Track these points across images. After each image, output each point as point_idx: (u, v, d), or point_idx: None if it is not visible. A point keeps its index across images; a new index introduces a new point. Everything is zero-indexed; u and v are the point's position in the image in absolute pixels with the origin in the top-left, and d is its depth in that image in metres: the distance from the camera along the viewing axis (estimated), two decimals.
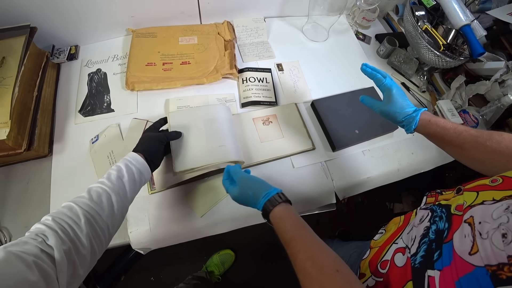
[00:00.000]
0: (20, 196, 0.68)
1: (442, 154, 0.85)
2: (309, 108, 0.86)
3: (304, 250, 0.44)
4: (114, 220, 0.47)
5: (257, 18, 1.00)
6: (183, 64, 0.85)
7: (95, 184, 0.47)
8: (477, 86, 0.84)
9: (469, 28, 0.80)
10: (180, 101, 0.80)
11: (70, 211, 0.41)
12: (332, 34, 1.04)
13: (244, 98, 0.84)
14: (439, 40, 0.79)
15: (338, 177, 0.76)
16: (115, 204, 0.46)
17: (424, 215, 0.44)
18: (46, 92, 0.77)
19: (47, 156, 0.72)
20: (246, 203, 0.55)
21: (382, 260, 0.50)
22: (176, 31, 0.90)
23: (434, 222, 0.40)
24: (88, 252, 0.40)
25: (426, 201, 0.50)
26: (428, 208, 0.45)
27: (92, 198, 0.44)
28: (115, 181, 0.49)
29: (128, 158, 0.53)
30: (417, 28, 0.82)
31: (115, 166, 0.51)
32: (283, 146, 0.77)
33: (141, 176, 0.53)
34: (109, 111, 0.78)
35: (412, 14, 0.85)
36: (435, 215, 0.42)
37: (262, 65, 0.92)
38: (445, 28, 0.84)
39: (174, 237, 0.68)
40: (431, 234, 0.39)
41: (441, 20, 0.87)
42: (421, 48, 0.84)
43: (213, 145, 0.66)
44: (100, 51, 0.88)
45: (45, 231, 0.37)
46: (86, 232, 0.40)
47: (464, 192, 0.42)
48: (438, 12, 0.87)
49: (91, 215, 0.42)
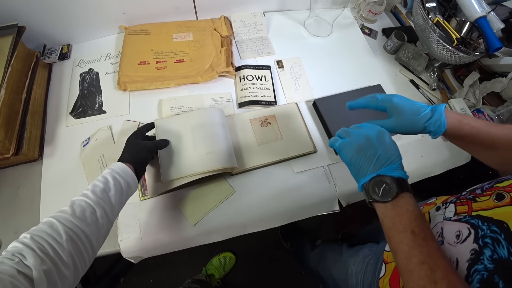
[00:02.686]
0: (10, 201, 0.66)
1: (453, 157, 0.79)
2: (311, 108, 0.82)
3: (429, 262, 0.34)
4: (99, 236, 0.44)
5: (256, 12, 0.95)
6: (178, 62, 0.81)
7: (79, 197, 0.45)
8: (493, 84, 0.78)
9: (485, 21, 0.73)
10: (174, 102, 0.76)
11: (51, 228, 0.39)
12: (336, 28, 0.99)
13: (241, 97, 0.80)
14: (452, 34, 0.73)
15: (341, 182, 0.72)
16: (99, 219, 0.44)
17: (462, 232, 0.37)
18: (37, 93, 0.74)
19: (38, 160, 0.70)
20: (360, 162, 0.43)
21: None
22: (170, 28, 0.86)
23: (486, 245, 0.33)
24: (71, 271, 0.38)
25: (457, 210, 0.42)
26: (464, 221, 0.38)
27: (75, 213, 0.42)
28: (100, 194, 0.46)
29: (116, 169, 0.50)
30: (428, 21, 0.76)
31: (101, 177, 0.48)
32: (282, 149, 0.73)
33: (128, 188, 0.51)
34: (100, 113, 0.75)
35: (422, 6, 0.78)
36: (482, 234, 0.34)
37: (261, 62, 0.88)
38: (458, 20, 0.78)
39: (167, 246, 0.65)
40: (487, 262, 0.31)
41: (454, 12, 0.80)
42: (431, 42, 0.78)
43: (200, 152, 0.63)
44: (92, 50, 0.85)
45: (22, 250, 0.35)
46: (68, 250, 0.38)
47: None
48: (450, 4, 0.80)
49: (73, 232, 0.40)
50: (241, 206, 0.67)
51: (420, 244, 0.34)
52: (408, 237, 0.35)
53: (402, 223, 0.37)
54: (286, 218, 0.70)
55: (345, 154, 0.45)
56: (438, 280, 0.31)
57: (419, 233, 0.35)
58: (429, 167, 0.77)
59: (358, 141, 0.44)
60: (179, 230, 0.64)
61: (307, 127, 0.77)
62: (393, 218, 0.38)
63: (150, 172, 0.66)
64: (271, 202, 0.68)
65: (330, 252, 0.86)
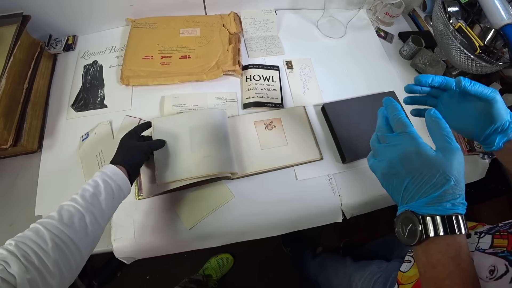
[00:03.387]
0: (7, 192, 0.66)
1: (468, 173, 0.75)
2: (319, 113, 0.78)
3: None
4: (88, 243, 0.42)
5: (267, 9, 0.92)
6: (183, 58, 0.79)
7: (68, 202, 0.43)
8: None
9: (511, 28, 0.68)
10: (176, 99, 0.74)
11: (36, 235, 0.37)
12: (350, 30, 0.95)
13: (246, 98, 0.77)
14: (475, 41, 0.68)
15: (346, 193, 0.69)
16: (89, 226, 0.42)
17: (498, 267, 0.33)
18: (40, 84, 0.73)
19: (37, 152, 0.69)
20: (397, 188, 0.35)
21: None
22: (177, 22, 0.84)
23: None
24: (56, 280, 0.36)
25: (494, 242, 0.38)
26: (502, 256, 0.34)
27: (63, 220, 0.40)
28: (89, 199, 0.44)
29: (108, 172, 0.48)
30: (449, 26, 0.71)
31: (91, 181, 0.47)
32: (286, 154, 0.70)
33: (120, 192, 0.49)
34: (102, 107, 0.74)
35: (444, 10, 0.74)
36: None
37: (270, 62, 0.84)
38: (482, 27, 0.72)
39: (160, 249, 0.63)
40: None
41: (478, 17, 0.75)
42: (451, 49, 0.73)
43: (198, 155, 0.61)
44: (98, 42, 0.83)
45: (6, 257, 0.34)
46: (54, 258, 0.37)
47: None
48: (474, 9, 0.75)
49: (60, 239, 0.38)
50: (239, 213, 0.65)
51: None
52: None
53: (433, 276, 0.30)
54: (286, 227, 0.68)
55: (378, 178, 0.37)
56: None
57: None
58: None
59: (382, 167, 0.35)
60: (174, 234, 0.62)
61: (314, 132, 0.74)
62: (424, 267, 0.31)
63: (145, 172, 0.64)
64: (271, 210, 0.66)
65: (332, 263, 0.83)
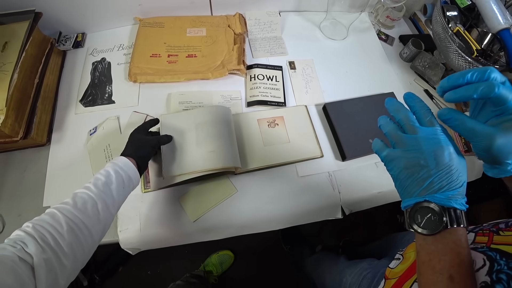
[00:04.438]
0: (16, 184, 0.68)
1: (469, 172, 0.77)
2: (321, 112, 0.80)
3: None
4: (99, 228, 0.45)
5: (271, 11, 0.94)
6: (189, 57, 0.81)
7: (81, 190, 0.45)
8: None
9: (508, 33, 0.70)
10: (183, 96, 0.76)
11: (52, 218, 0.40)
12: (352, 32, 0.97)
13: (250, 96, 0.79)
14: (472, 45, 0.71)
15: (346, 190, 0.71)
16: (100, 212, 0.44)
17: (477, 262, 0.34)
18: (49, 79, 0.75)
19: (45, 145, 0.71)
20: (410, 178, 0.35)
21: None
22: (184, 22, 0.86)
23: (500, 281, 0.30)
24: (70, 261, 0.38)
25: (475, 239, 0.40)
26: (481, 251, 0.35)
27: (77, 205, 0.42)
28: (102, 187, 0.46)
29: (119, 163, 0.51)
30: (448, 30, 0.74)
31: (103, 171, 0.49)
32: (288, 151, 0.72)
33: (130, 182, 0.51)
34: (109, 103, 0.76)
35: (443, 14, 0.76)
36: (497, 268, 0.32)
37: (273, 62, 0.87)
38: (480, 31, 0.75)
39: (165, 240, 0.65)
40: None
41: (476, 22, 0.78)
42: (450, 52, 0.76)
43: (203, 150, 0.63)
44: (106, 39, 0.85)
45: (24, 238, 0.36)
46: (68, 241, 0.39)
47: None
48: (473, 13, 0.78)
49: (74, 223, 0.40)
50: (242, 207, 0.67)
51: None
52: (444, 281, 0.30)
53: (441, 263, 0.31)
54: (287, 222, 0.69)
55: (392, 167, 0.36)
56: None
57: (459, 281, 0.30)
58: None
59: (411, 158, 0.34)
60: (178, 226, 0.64)
61: (315, 131, 0.76)
62: (431, 254, 0.32)
63: (153, 166, 0.66)
64: (273, 205, 0.68)
65: (327, 260, 0.85)
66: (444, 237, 0.32)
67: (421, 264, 0.33)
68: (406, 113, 0.36)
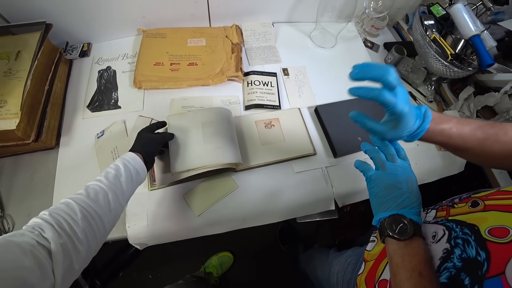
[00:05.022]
0: (25, 185, 0.70)
1: (447, 166, 0.83)
2: (313, 114, 0.86)
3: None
4: (110, 218, 0.47)
5: (265, 22, 1.01)
6: (190, 65, 0.86)
7: (93, 182, 0.48)
8: (486, 98, 0.82)
9: (478, 39, 0.78)
10: (185, 101, 0.81)
11: (68, 207, 0.42)
12: (340, 41, 1.04)
13: (248, 100, 0.85)
14: (447, 50, 0.78)
15: (338, 184, 0.76)
16: (111, 202, 0.47)
17: (438, 232, 0.40)
18: (57, 86, 0.79)
19: (54, 148, 0.75)
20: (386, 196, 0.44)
21: (380, 279, 0.47)
22: (185, 33, 0.92)
23: (457, 246, 0.36)
24: (84, 247, 0.41)
25: (436, 215, 0.46)
26: (441, 223, 0.41)
27: (89, 196, 0.45)
28: (112, 180, 0.49)
29: (127, 157, 0.54)
30: (426, 37, 0.81)
31: (113, 165, 0.52)
32: (284, 150, 0.77)
33: (137, 176, 0.54)
34: (116, 108, 0.80)
35: (421, 23, 0.84)
36: (454, 235, 0.37)
37: (268, 69, 0.93)
38: (454, 38, 0.83)
39: (171, 235, 0.68)
40: (456, 261, 0.35)
41: (451, 30, 0.86)
42: (429, 57, 0.83)
43: (210, 147, 0.67)
44: (111, 49, 0.90)
45: (41, 224, 0.38)
46: (82, 227, 0.41)
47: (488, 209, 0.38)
48: (447, 22, 0.86)
49: (87, 212, 0.43)
50: (243, 201, 0.71)
51: (425, 286, 0.35)
52: (415, 277, 0.36)
53: (412, 263, 0.37)
54: (285, 214, 0.74)
55: (373, 186, 0.45)
56: None
57: (426, 276, 0.36)
58: (423, 174, 0.81)
59: (390, 180, 0.44)
60: (184, 220, 0.68)
61: (308, 131, 0.82)
62: (404, 257, 0.38)
63: (158, 164, 0.71)
64: (271, 199, 0.72)
65: (318, 255, 0.89)
66: (412, 242, 0.39)
67: (395, 266, 0.39)
68: (389, 147, 0.48)
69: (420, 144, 0.85)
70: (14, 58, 0.71)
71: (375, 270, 0.50)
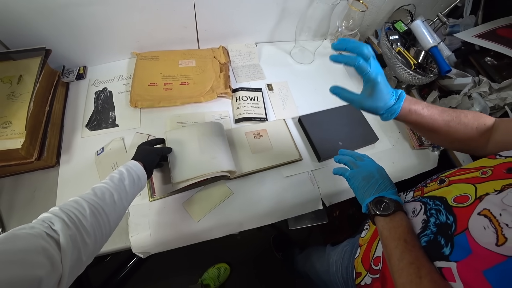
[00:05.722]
0: (26, 203, 0.72)
1: (421, 163, 0.92)
2: (297, 123, 0.94)
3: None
4: (115, 217, 0.50)
5: (249, 43, 1.10)
6: (182, 84, 0.93)
7: (99, 184, 0.52)
8: (449, 100, 0.92)
9: (436, 49, 0.90)
10: (179, 117, 0.87)
11: (77, 203, 0.45)
12: (318, 56, 1.14)
13: (237, 114, 0.91)
14: (410, 60, 0.89)
15: (324, 185, 0.83)
16: (116, 202, 0.50)
17: (416, 208, 0.47)
18: (56, 107, 0.83)
19: (55, 167, 0.77)
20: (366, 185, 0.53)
21: (374, 257, 0.53)
22: (176, 55, 0.99)
23: (431, 215, 0.43)
24: (92, 240, 0.43)
25: (414, 194, 0.54)
26: (418, 200, 0.48)
27: (97, 194, 0.49)
28: (117, 182, 0.53)
29: (129, 164, 0.59)
30: (392, 50, 0.92)
31: (117, 170, 0.56)
32: (272, 157, 0.84)
33: (139, 181, 0.58)
34: (114, 126, 0.84)
35: (387, 38, 0.95)
36: (429, 208, 0.44)
37: (254, 85, 1.00)
38: (416, 49, 0.94)
39: (173, 241, 0.72)
40: (432, 227, 0.41)
41: (413, 42, 0.97)
42: (396, 67, 0.94)
43: (207, 157, 0.72)
44: (106, 71, 0.95)
45: (51, 218, 0.40)
46: (90, 222, 0.43)
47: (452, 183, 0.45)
48: (410, 36, 0.98)
49: (95, 208, 0.46)
50: (238, 206, 0.76)
51: (410, 249, 0.41)
52: (401, 244, 0.42)
53: (397, 233, 0.44)
54: (277, 216, 0.79)
55: (354, 181, 0.55)
56: (423, 275, 0.37)
57: (410, 241, 0.42)
58: (400, 171, 0.89)
59: (364, 173, 0.55)
60: (184, 227, 0.71)
61: (294, 139, 0.89)
62: (390, 229, 0.45)
63: (157, 177, 0.75)
64: (264, 202, 0.78)
65: (315, 252, 0.94)
66: (395, 216, 0.47)
67: (384, 239, 0.46)
68: (354, 153, 0.62)
69: (396, 145, 0.94)
70: (17, 82, 0.74)
71: (369, 251, 0.56)
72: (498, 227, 0.33)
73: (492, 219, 0.34)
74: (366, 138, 0.90)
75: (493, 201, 0.36)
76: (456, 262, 0.35)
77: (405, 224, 0.45)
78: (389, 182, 0.53)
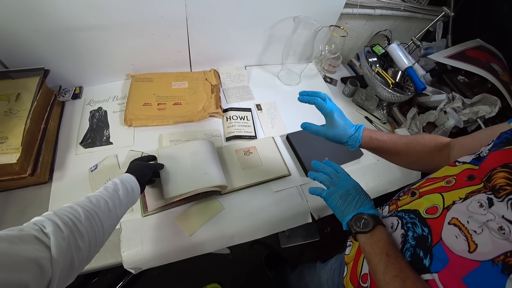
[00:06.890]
0: (16, 219, 0.71)
1: (405, 176, 0.96)
2: (285, 141, 0.98)
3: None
4: (109, 224, 0.50)
5: (239, 66, 1.16)
6: (175, 104, 0.97)
7: (93, 193, 0.52)
8: (428, 115, 0.99)
9: (411, 69, 0.98)
10: (172, 136, 0.90)
11: (71, 208, 0.45)
12: (304, 78, 1.21)
13: (228, 133, 0.95)
14: (388, 80, 0.96)
15: (312, 199, 0.85)
16: (111, 210, 0.51)
17: (394, 223, 0.48)
18: (51, 125, 0.84)
19: (47, 183, 0.77)
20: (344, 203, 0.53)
21: (361, 274, 0.54)
22: (169, 77, 1.04)
23: (409, 229, 0.44)
24: (86, 246, 0.42)
25: (389, 209, 0.55)
26: (394, 215, 0.49)
27: (92, 201, 0.49)
28: (111, 191, 0.54)
29: (123, 176, 0.60)
30: (371, 71, 0.99)
31: (111, 182, 0.57)
32: (262, 173, 0.87)
33: (133, 193, 0.59)
34: (108, 144, 0.86)
35: (367, 60, 1.03)
36: (405, 222, 0.45)
37: (244, 106, 1.05)
38: (393, 70, 1.02)
39: (165, 256, 0.71)
40: (411, 240, 0.42)
41: (390, 64, 1.05)
42: (377, 87, 1.00)
43: (198, 173, 0.75)
44: (102, 92, 0.99)
45: (43, 221, 0.39)
46: (85, 227, 0.43)
47: (422, 195, 0.47)
48: (387, 58, 1.06)
49: (90, 214, 0.46)
50: (229, 220, 0.77)
51: (393, 262, 0.41)
52: (384, 258, 0.43)
53: (379, 247, 0.44)
54: (268, 230, 0.81)
55: (332, 201, 0.55)
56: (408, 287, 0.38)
57: (392, 254, 0.42)
58: (385, 184, 0.93)
59: (341, 191, 0.55)
60: (176, 242, 0.72)
61: (282, 155, 0.92)
62: (372, 245, 0.46)
63: (150, 192, 0.77)
64: (255, 217, 0.79)
65: (307, 270, 0.94)
66: (375, 231, 0.47)
67: (367, 255, 0.46)
68: (330, 169, 0.61)
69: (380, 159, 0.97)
70: (15, 100, 0.77)
71: (355, 269, 0.57)
72: (467, 234, 0.35)
73: (461, 227, 0.36)
74: (351, 154, 0.94)
75: (460, 209, 0.38)
76: (437, 273, 0.37)
77: (385, 237, 0.46)
78: (365, 197, 0.54)
